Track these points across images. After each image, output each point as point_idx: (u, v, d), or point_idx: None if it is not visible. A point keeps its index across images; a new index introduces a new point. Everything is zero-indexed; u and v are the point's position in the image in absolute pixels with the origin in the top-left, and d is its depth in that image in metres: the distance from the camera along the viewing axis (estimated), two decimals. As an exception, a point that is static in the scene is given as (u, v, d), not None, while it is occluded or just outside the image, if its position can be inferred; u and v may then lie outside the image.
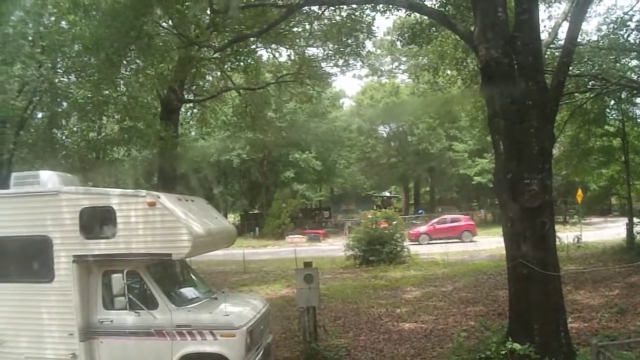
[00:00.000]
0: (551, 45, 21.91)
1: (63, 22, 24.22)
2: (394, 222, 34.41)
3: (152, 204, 11.15)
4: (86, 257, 11.57)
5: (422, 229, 51.14)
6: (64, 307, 11.50)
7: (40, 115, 29.13)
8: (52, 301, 11.65)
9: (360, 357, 14.77)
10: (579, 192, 43.10)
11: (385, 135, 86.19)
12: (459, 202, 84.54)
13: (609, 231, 42.35)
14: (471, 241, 46.68)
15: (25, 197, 12.23)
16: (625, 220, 34.73)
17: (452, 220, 52.32)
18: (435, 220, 53.67)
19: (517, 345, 12.27)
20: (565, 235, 30.95)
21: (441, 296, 22.55)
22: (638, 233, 30.68)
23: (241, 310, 12.16)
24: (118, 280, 11.20)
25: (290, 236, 60.26)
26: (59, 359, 11.57)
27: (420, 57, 32.86)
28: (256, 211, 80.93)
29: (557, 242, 15.49)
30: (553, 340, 12.33)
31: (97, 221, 11.63)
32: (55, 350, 11.59)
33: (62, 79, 26.01)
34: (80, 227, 11.56)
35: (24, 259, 12.25)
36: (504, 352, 12.45)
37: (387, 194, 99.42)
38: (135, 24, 20.23)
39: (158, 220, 11.20)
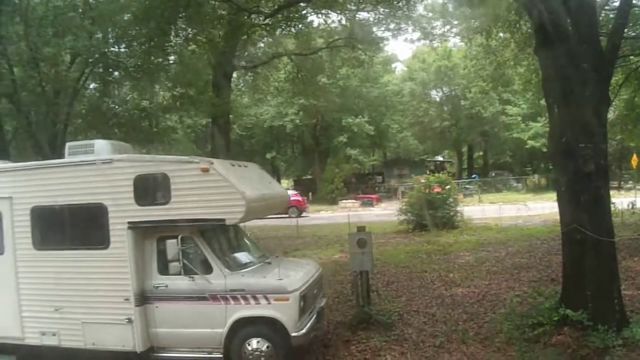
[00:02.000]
0: (606, 7, 21.42)
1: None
2: (447, 187, 34.14)
3: (205, 170, 11.18)
4: (141, 224, 11.69)
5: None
6: (119, 273, 11.67)
7: (92, 85, 29.43)
8: (107, 267, 11.81)
9: (413, 321, 14.71)
10: (634, 157, 42.35)
11: (437, 99, 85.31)
12: (512, 166, 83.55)
13: (666, 196, 41.49)
14: (299, 217, 46.59)
15: (80, 165, 12.32)
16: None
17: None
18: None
19: (570, 312, 12.11)
20: (619, 201, 30.31)
21: (494, 261, 22.33)
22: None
23: (294, 274, 12.15)
24: (172, 246, 11.35)
25: (344, 201, 60.37)
26: (115, 323, 11.74)
27: (473, 20, 32.32)
28: (309, 176, 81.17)
29: (612, 208, 15.15)
30: (606, 307, 12.10)
31: (151, 188, 11.66)
32: (111, 315, 11.76)
33: (112, 48, 26.19)
34: (134, 194, 11.64)
35: (80, 227, 12.39)
36: (556, 318, 12.28)
37: (440, 158, 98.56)
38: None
39: (211, 186, 11.21)
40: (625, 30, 17.73)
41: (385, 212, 42.57)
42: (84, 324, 12.02)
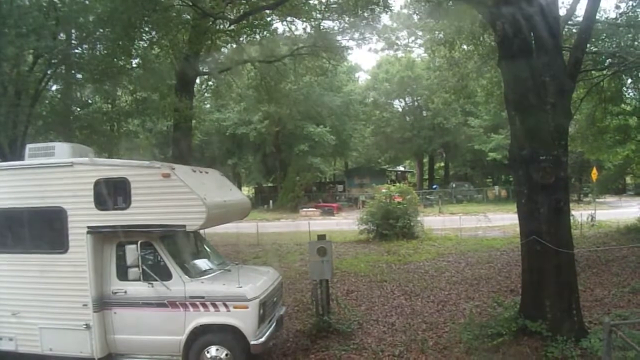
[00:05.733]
0: (569, 22, 21.75)
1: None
2: (408, 197, 34.28)
3: (166, 175, 11.17)
4: (100, 229, 11.64)
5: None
6: (78, 278, 11.59)
7: (54, 87, 29.15)
8: (66, 272, 11.74)
9: (373, 331, 14.82)
10: (594, 170, 42.97)
11: (400, 109, 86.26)
12: (473, 177, 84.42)
13: (623, 210, 42.11)
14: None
15: (40, 168, 12.24)
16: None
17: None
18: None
19: (529, 322, 12.33)
20: (579, 213, 30.83)
21: (454, 271, 22.57)
22: (652, 212, 30.57)
23: (254, 282, 12.17)
24: (132, 252, 11.30)
25: (304, 209, 60.45)
26: (73, 329, 11.66)
27: (437, 32, 32.57)
28: (270, 184, 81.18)
29: (571, 221, 15.40)
30: (565, 318, 12.34)
31: (111, 192, 11.60)
32: (69, 320, 11.69)
33: (76, 50, 25.98)
34: (94, 198, 11.60)
35: (39, 230, 12.31)
36: (515, 328, 12.51)
37: (402, 168, 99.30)
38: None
39: (172, 192, 11.22)
40: (588, 45, 18.03)
41: (345, 221, 42.63)
42: (42, 329, 11.95)
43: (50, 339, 11.92)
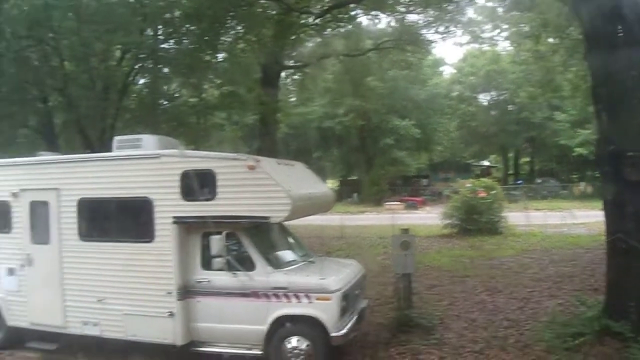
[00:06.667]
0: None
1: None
2: (493, 192, 33.79)
3: (252, 168, 11.23)
4: (186, 219, 11.82)
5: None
6: (162, 267, 11.83)
7: (142, 81, 29.76)
8: (151, 260, 11.97)
9: (454, 326, 14.59)
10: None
11: (485, 103, 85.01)
12: (558, 173, 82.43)
13: None
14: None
15: (128, 160, 12.54)
16: None
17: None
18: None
19: (611, 323, 11.95)
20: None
21: (537, 268, 22.02)
22: None
23: (337, 274, 12.12)
24: (217, 242, 11.36)
25: (388, 203, 60.09)
26: (156, 316, 11.90)
27: (522, 25, 32.02)
28: (355, 177, 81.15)
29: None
30: (649, 320, 11.94)
31: (197, 184, 11.73)
32: (153, 308, 11.92)
33: (163, 45, 26.45)
34: (180, 189, 11.79)
35: (126, 220, 12.66)
36: (598, 328, 12.10)
37: (487, 163, 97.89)
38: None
39: (258, 184, 11.27)
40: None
41: (429, 215, 42.23)
42: (126, 315, 12.22)
43: (133, 325, 12.19)
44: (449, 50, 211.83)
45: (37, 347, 13.52)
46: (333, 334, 11.07)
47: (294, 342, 11.30)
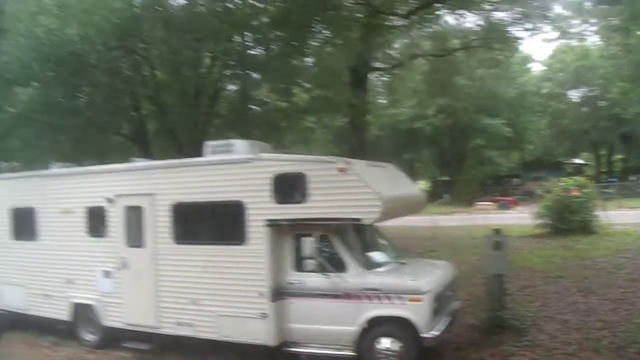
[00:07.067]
0: None
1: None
2: (586, 190, 33.08)
3: (343, 170, 11.31)
4: (278, 221, 11.96)
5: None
6: (255, 269, 12.01)
7: (231, 87, 30.21)
8: (244, 262, 12.17)
9: (546, 328, 14.35)
10: None
11: (576, 99, 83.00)
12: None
13: None
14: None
15: (220, 164, 12.84)
16: None
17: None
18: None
19: None
20: None
21: (632, 269, 21.37)
22: None
23: (429, 275, 12.15)
24: (309, 244, 11.49)
25: (480, 203, 59.46)
26: (249, 317, 12.09)
27: (611, 18, 31.28)
28: (446, 178, 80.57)
29: None
30: None
31: (289, 186, 11.89)
32: (246, 309, 12.12)
33: (251, 52, 26.84)
34: (272, 192, 11.94)
35: (219, 223, 12.98)
36: (695, 332, 11.85)
37: (578, 161, 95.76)
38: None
39: (348, 186, 11.31)
40: None
41: (522, 215, 41.61)
42: (219, 316, 12.50)
43: (226, 326, 12.42)
44: (537, 47, 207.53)
45: (131, 346, 14.00)
46: (424, 335, 11.03)
47: (385, 343, 11.32)
